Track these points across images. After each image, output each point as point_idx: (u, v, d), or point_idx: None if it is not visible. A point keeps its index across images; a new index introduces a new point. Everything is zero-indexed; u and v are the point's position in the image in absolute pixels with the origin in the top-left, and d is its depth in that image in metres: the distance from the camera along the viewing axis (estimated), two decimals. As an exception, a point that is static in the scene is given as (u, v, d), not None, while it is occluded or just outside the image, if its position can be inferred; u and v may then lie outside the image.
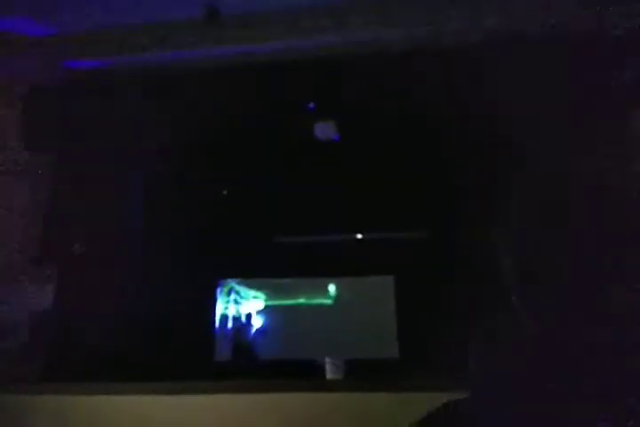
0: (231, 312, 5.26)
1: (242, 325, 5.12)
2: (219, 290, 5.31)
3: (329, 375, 3.49)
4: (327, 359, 3.44)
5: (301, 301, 5.19)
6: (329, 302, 5.12)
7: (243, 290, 5.34)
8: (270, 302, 5.23)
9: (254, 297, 5.28)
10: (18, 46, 4.13)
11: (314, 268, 5.01)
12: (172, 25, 3.99)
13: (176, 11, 3.88)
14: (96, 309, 4.19)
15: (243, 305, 5.26)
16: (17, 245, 4.08)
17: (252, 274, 5.26)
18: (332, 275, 5.12)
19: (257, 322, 5.18)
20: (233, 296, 5.35)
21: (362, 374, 3.53)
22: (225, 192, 5.18)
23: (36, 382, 3.36)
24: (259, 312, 5.22)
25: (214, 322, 5.22)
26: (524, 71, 3.84)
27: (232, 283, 5.36)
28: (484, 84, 3.99)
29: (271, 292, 5.25)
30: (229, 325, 5.19)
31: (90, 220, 4.31)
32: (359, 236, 5.17)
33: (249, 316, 5.15)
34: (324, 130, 4.84)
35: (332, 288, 5.14)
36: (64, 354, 3.86)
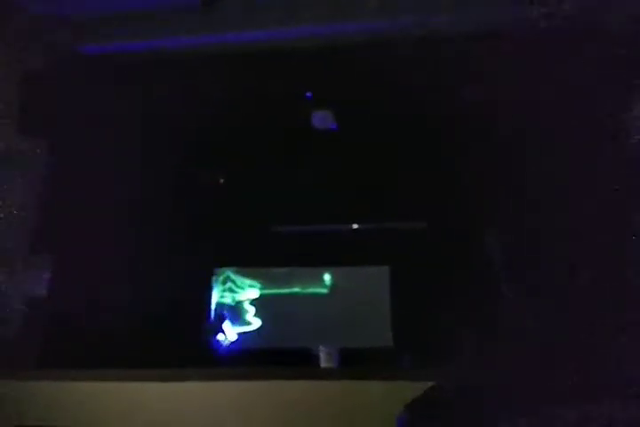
0: (227, 301, 5.29)
1: (236, 313, 5.15)
2: (214, 278, 5.32)
3: (323, 364, 3.52)
4: (321, 348, 3.47)
5: (296, 290, 5.21)
6: (324, 291, 5.14)
7: (238, 279, 5.36)
8: (266, 291, 5.25)
9: (250, 286, 5.30)
10: (16, 30, 4.09)
11: (309, 257, 5.02)
12: (171, 11, 3.96)
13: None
14: (92, 296, 4.20)
15: (238, 294, 5.28)
16: (13, 233, 4.07)
17: (248, 263, 5.27)
18: (327, 264, 5.13)
19: (252, 311, 5.20)
20: (228, 285, 5.37)
21: (356, 363, 3.57)
22: (222, 180, 5.17)
23: (31, 368, 3.37)
24: (254, 301, 5.25)
25: (210, 310, 5.24)
26: (524, 66, 3.83)
27: (228, 271, 5.37)
28: (484, 78, 3.98)
29: (267, 281, 5.27)
30: (225, 313, 5.21)
31: (87, 208, 4.30)
32: (355, 226, 5.18)
33: (244, 304, 5.17)
34: (322, 119, 4.83)
35: (327, 278, 5.16)
36: (60, 341, 3.88)
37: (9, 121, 4.16)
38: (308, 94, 4.78)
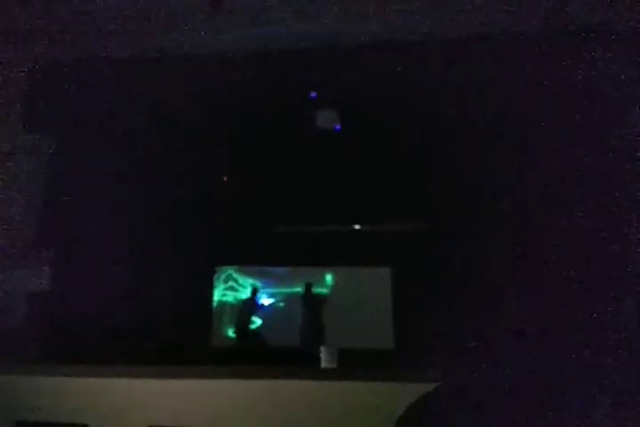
0: (228, 299, 5.29)
1: (238, 311, 5.14)
2: (216, 277, 5.33)
3: (323, 364, 3.50)
4: (322, 348, 3.46)
5: (298, 290, 5.21)
6: (325, 291, 5.14)
7: (240, 277, 5.36)
8: (267, 291, 5.26)
9: (251, 285, 5.30)
10: (21, 29, 4.11)
11: (312, 257, 5.02)
12: (176, 11, 3.97)
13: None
14: (94, 293, 4.21)
15: (240, 292, 5.28)
16: (15, 229, 4.09)
17: (249, 262, 5.27)
18: (329, 265, 5.13)
19: (253, 309, 5.20)
20: (230, 283, 5.37)
21: (356, 364, 3.57)
22: (225, 178, 5.17)
23: (33, 363, 3.39)
24: (255, 300, 5.24)
25: (212, 308, 5.25)
26: (525, 66, 3.85)
27: (230, 270, 5.38)
28: (485, 78, 3.99)
29: (268, 280, 5.27)
30: (226, 311, 5.22)
31: (89, 206, 4.31)
32: (357, 226, 5.18)
33: (245, 303, 5.17)
34: (326, 119, 4.83)
35: (329, 278, 5.16)
36: (61, 336, 3.89)
37: (14, 119, 4.17)
38: (313, 94, 4.78)
